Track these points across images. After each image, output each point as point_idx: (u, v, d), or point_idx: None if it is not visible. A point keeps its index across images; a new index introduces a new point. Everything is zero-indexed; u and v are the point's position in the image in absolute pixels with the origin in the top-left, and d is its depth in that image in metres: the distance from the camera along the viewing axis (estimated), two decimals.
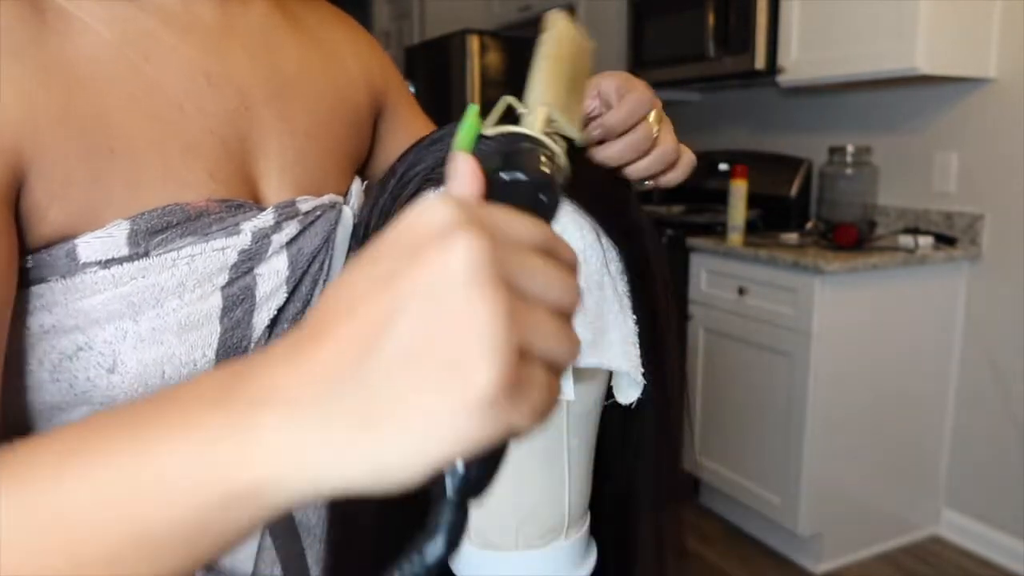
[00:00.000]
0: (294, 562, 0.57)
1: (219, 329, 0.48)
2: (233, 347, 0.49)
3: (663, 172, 0.52)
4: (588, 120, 0.49)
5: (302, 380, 0.25)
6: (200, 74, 0.50)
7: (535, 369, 0.26)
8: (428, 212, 0.26)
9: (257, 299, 0.49)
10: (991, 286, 2.13)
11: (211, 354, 0.48)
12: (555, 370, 0.27)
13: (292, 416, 0.25)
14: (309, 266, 0.52)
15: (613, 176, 0.50)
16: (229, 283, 0.48)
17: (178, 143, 0.48)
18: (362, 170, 0.66)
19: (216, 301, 0.47)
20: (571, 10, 3.24)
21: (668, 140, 0.51)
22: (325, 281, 0.54)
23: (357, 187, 0.60)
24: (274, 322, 0.51)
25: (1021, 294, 2.06)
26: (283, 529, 0.56)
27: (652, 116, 0.50)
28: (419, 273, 0.24)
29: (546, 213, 0.31)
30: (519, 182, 0.31)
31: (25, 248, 0.44)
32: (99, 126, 0.45)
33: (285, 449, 0.25)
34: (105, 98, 0.45)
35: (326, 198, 0.55)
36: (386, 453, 0.24)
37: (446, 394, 0.23)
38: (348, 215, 0.56)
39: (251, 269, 0.49)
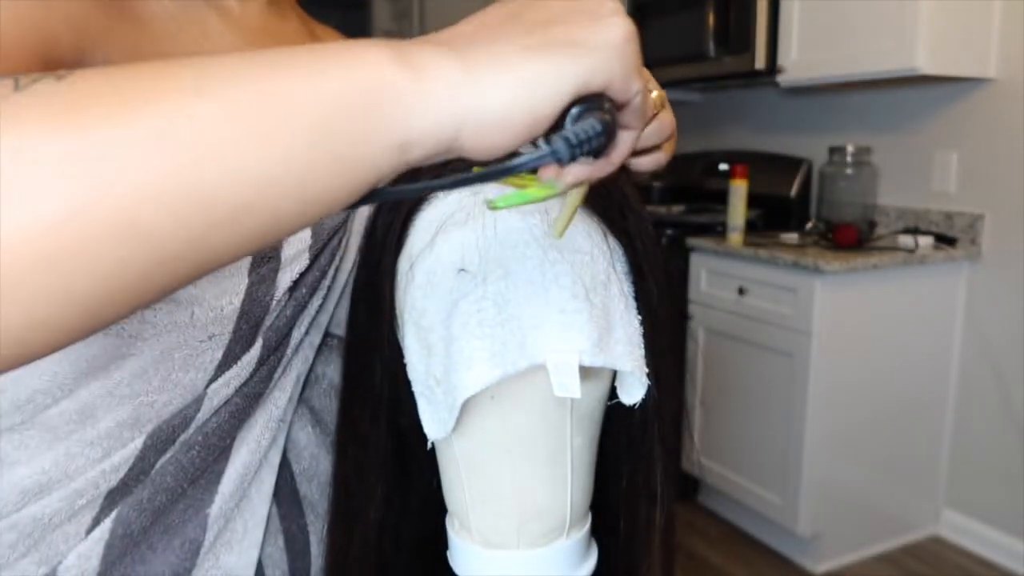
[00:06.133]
0: (296, 536, 0.58)
1: (247, 281, 0.50)
2: (257, 300, 0.51)
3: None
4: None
5: (454, 34, 0.30)
6: None
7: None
8: None
9: (282, 260, 0.52)
10: (991, 286, 2.13)
11: (237, 302, 0.50)
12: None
13: (447, 48, 0.29)
14: (329, 240, 0.55)
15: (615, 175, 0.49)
16: None
17: None
18: None
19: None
20: None
21: (666, 115, 0.48)
22: (342, 257, 0.57)
23: None
24: (295, 285, 0.53)
25: (1021, 294, 2.06)
26: (287, 498, 0.57)
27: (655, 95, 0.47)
28: None
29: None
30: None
31: None
32: None
33: (436, 63, 0.28)
34: (168, 57, 0.49)
35: None
36: (543, 75, 0.28)
37: (591, 30, 0.30)
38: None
39: None
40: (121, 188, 0.24)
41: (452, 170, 0.45)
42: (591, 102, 0.30)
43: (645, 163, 0.49)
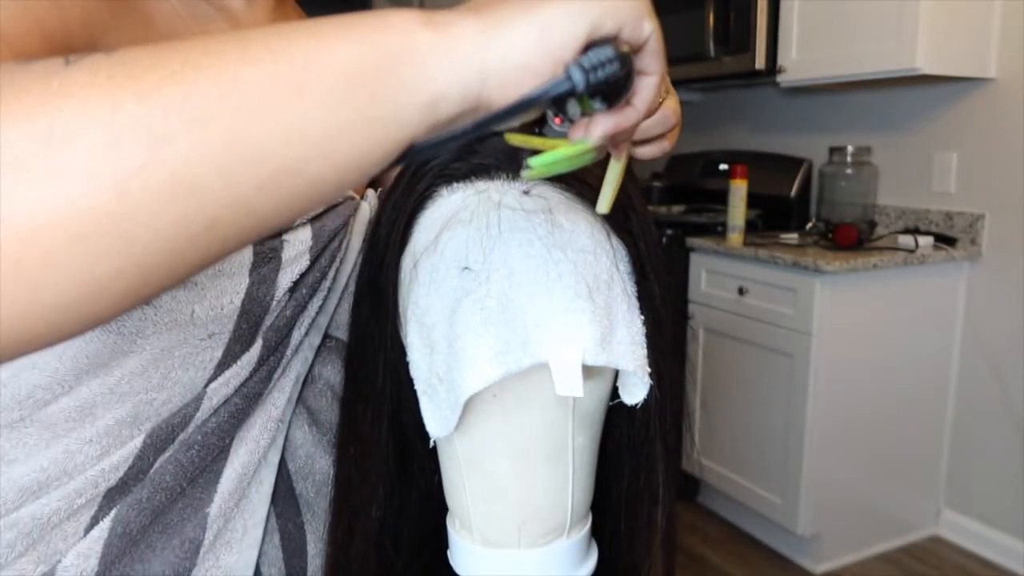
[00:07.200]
0: (292, 534, 0.58)
1: (248, 281, 0.50)
2: (258, 300, 0.51)
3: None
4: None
5: (471, 4, 0.31)
6: None
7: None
8: None
9: (283, 260, 0.52)
10: (991, 286, 2.13)
11: (237, 301, 0.50)
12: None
13: (467, 10, 0.30)
14: (330, 242, 0.55)
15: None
16: (260, 241, 0.50)
17: None
18: None
19: (248, 255, 0.50)
20: None
21: (671, 103, 0.49)
22: (342, 259, 0.57)
23: (371, 192, 0.62)
24: (295, 286, 0.53)
25: (1021, 294, 2.06)
26: (283, 497, 0.57)
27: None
28: None
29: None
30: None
31: None
32: None
33: (457, 22, 0.30)
34: None
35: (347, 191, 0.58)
36: (556, 18, 0.30)
37: None
38: (365, 208, 0.59)
39: (280, 233, 0.52)
40: (178, 149, 0.25)
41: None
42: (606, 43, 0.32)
43: (650, 151, 0.49)
